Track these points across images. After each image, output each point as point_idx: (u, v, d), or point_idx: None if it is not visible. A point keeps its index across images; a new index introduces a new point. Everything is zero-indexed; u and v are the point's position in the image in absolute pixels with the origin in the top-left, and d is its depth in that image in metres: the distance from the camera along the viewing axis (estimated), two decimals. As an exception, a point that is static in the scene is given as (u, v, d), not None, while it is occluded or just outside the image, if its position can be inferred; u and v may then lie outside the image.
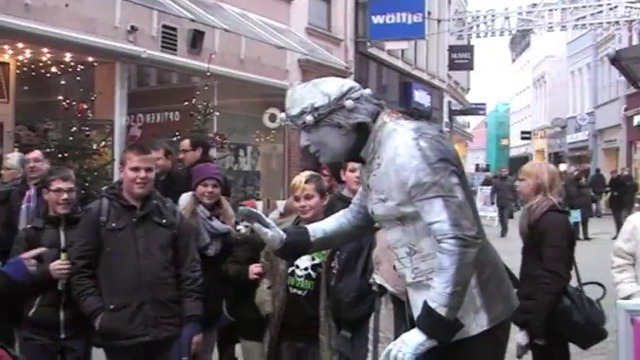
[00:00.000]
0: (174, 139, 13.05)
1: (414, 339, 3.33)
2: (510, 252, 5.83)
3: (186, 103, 13.51)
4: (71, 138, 11.40)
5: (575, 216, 23.33)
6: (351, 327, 4.82)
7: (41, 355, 5.28)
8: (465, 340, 3.46)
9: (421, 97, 32.59)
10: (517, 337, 5.52)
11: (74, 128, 11.42)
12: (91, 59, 14.76)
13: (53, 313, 5.28)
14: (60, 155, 10.84)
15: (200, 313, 5.31)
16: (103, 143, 12.57)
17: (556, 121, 52.84)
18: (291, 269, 5.18)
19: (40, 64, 14.79)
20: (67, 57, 14.36)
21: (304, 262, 5.13)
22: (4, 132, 14.44)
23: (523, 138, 65.42)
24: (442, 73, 37.11)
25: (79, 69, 14.26)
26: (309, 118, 3.49)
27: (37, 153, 7.90)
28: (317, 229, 3.98)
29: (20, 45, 13.79)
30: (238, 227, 5.88)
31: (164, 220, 5.26)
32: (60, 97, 12.36)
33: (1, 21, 12.01)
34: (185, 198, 6.10)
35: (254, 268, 5.52)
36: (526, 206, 5.85)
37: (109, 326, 5.06)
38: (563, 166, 42.71)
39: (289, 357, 5.24)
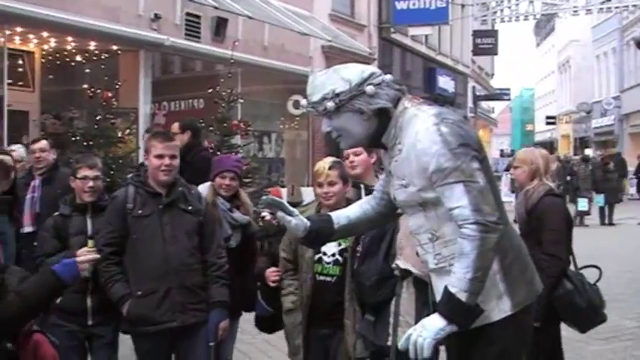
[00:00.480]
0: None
1: (435, 324, 3.33)
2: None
3: (210, 90, 13.51)
4: (96, 126, 11.42)
5: (599, 201, 23.22)
6: (374, 311, 4.83)
7: (69, 342, 5.30)
8: (488, 326, 3.46)
9: (445, 82, 32.48)
10: None
11: (99, 116, 11.44)
12: (115, 47, 14.84)
13: (80, 300, 5.31)
14: (85, 143, 10.88)
15: (226, 299, 5.32)
16: (128, 131, 12.59)
17: (581, 105, 52.49)
18: (318, 256, 5.13)
19: (65, 52, 14.88)
20: (92, 45, 14.45)
21: (331, 248, 5.08)
22: (29, 121, 14.54)
23: (548, 123, 65.07)
24: (466, 58, 36.94)
25: (103, 57, 14.35)
26: (330, 104, 3.48)
27: (43, 143, 7.77)
28: (341, 216, 3.97)
29: (45, 34, 13.89)
30: (263, 214, 5.84)
31: (190, 207, 5.27)
32: (85, 86, 12.43)
33: (26, 10, 12.09)
34: (203, 189, 6.04)
35: (270, 275, 5.42)
36: (522, 192, 5.83)
37: (137, 312, 5.09)
38: (588, 151, 42.43)
39: (315, 343, 5.22)
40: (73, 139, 11.36)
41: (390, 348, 4.56)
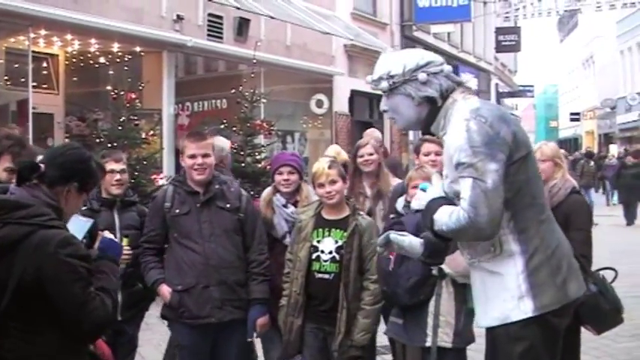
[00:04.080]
0: (222, 126, 13.15)
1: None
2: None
3: (233, 90, 13.57)
4: (120, 127, 11.51)
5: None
6: (402, 313, 4.83)
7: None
8: (511, 325, 3.50)
9: (468, 79, 32.37)
10: None
11: (123, 118, 11.54)
12: (138, 49, 14.87)
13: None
14: (110, 145, 10.95)
15: (265, 295, 5.38)
16: (152, 132, 12.67)
17: (606, 101, 52.13)
18: (316, 255, 5.22)
19: (89, 54, 14.96)
20: (115, 47, 14.49)
21: (328, 246, 5.22)
22: (54, 123, 14.64)
23: (572, 119, 64.80)
24: (489, 55, 36.82)
25: (126, 59, 14.38)
26: (384, 84, 3.66)
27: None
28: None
29: (69, 36, 13.95)
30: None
31: (228, 205, 5.35)
32: (108, 87, 12.52)
33: (50, 13, 12.14)
34: (266, 190, 6.07)
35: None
36: (546, 187, 5.65)
37: (178, 304, 5.21)
38: (613, 148, 42.14)
39: (313, 339, 5.26)
40: (98, 140, 11.44)
41: (429, 349, 4.59)
